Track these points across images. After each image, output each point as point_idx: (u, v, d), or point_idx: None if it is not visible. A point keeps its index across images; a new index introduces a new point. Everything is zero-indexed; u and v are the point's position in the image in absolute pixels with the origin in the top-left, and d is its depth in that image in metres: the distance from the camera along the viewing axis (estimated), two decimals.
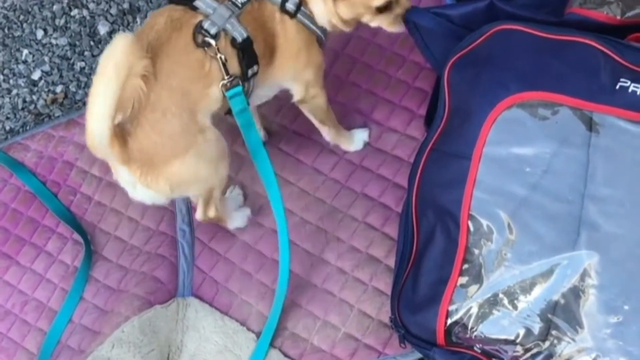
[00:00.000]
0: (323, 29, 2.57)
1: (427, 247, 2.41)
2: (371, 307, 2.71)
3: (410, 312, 2.42)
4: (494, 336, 2.30)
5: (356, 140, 2.94)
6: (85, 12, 3.61)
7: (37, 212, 3.25)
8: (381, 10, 2.49)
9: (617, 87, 2.21)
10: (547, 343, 2.25)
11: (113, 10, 3.57)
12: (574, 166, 2.23)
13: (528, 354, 2.27)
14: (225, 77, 2.40)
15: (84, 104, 2.39)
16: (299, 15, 2.47)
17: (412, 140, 2.87)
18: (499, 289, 2.28)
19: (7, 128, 3.50)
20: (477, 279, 2.30)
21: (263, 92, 2.65)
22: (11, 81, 3.58)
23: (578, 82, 2.25)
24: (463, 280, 2.32)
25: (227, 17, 2.37)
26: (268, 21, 2.46)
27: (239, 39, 2.40)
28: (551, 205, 2.24)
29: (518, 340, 2.27)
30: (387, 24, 2.56)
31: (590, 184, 2.22)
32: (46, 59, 3.57)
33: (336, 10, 2.48)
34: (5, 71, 3.61)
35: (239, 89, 2.43)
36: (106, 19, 3.57)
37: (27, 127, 3.47)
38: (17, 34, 3.67)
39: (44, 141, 3.36)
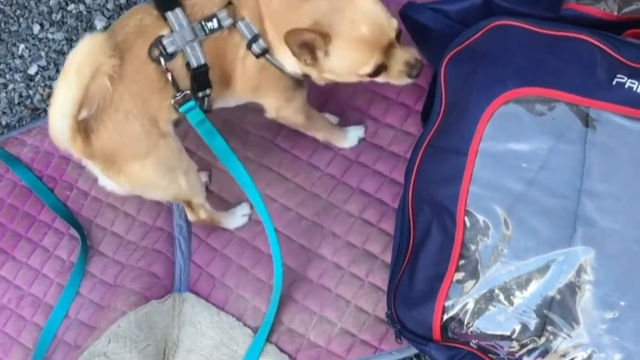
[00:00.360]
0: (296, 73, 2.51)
1: (423, 243, 2.41)
2: (367, 303, 2.71)
3: (406, 307, 2.42)
4: (490, 332, 2.30)
5: (350, 137, 2.93)
6: (81, 7, 3.60)
7: (33, 207, 3.25)
8: (375, 74, 2.42)
9: (614, 83, 2.21)
10: (543, 339, 2.25)
11: (110, 5, 3.57)
12: (570, 162, 2.23)
13: (524, 350, 2.27)
14: (177, 94, 2.42)
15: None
16: (267, 56, 2.43)
17: (409, 136, 2.87)
18: (495, 285, 2.28)
19: (4, 123, 3.50)
20: (474, 274, 2.30)
21: (230, 104, 2.66)
22: (7, 76, 3.58)
23: (574, 78, 2.25)
24: (459, 275, 2.32)
25: (189, 40, 2.36)
26: (230, 52, 2.42)
27: (194, 65, 2.39)
28: (547, 200, 2.24)
29: (514, 336, 2.27)
30: (391, 79, 2.46)
31: (587, 179, 2.22)
32: (42, 53, 3.57)
33: (320, 75, 2.46)
34: (2, 66, 3.61)
35: (192, 104, 2.45)
36: (103, 13, 3.57)
37: (24, 122, 3.46)
38: (14, 28, 3.66)
39: (40, 136, 3.36)
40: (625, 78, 2.21)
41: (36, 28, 3.63)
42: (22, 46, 3.62)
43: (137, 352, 2.73)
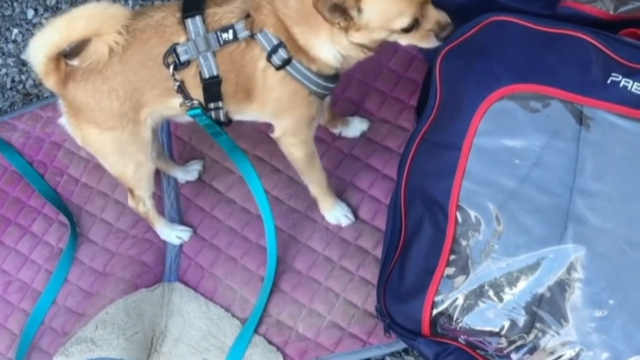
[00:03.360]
0: (320, 83, 2.42)
1: (414, 237, 2.41)
2: (357, 297, 2.71)
3: (396, 301, 2.42)
4: (478, 328, 2.30)
5: (336, 215, 2.84)
6: None
7: (23, 192, 3.24)
8: (408, 30, 2.28)
9: (609, 81, 2.21)
10: (532, 336, 2.25)
11: None
12: (563, 160, 2.23)
13: (512, 346, 2.28)
14: (185, 101, 2.43)
15: (51, 94, 2.44)
16: (288, 68, 2.37)
17: (403, 130, 2.87)
18: (485, 281, 2.28)
19: None
20: (464, 270, 2.30)
21: (248, 119, 2.62)
22: (0, 60, 3.56)
23: (569, 75, 2.24)
24: (450, 271, 2.32)
25: (203, 50, 2.34)
26: (248, 65, 2.38)
27: (206, 75, 2.38)
28: (539, 198, 2.24)
29: (503, 333, 2.27)
30: (418, 40, 2.34)
31: (579, 177, 2.22)
32: None
33: (351, 41, 2.32)
34: None
35: (197, 111, 2.45)
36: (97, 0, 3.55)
37: (15, 107, 3.45)
38: (7, 13, 3.64)
39: (32, 121, 3.35)
40: (620, 77, 2.21)
41: (30, 13, 3.61)
42: (15, 31, 3.60)
43: (124, 339, 2.72)
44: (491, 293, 2.28)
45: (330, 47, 2.34)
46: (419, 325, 2.37)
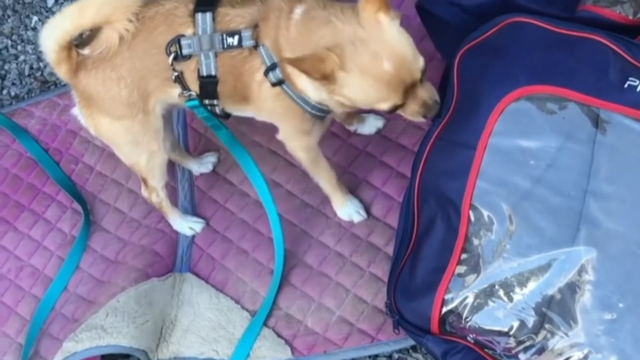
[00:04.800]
0: (315, 106, 2.40)
1: (426, 235, 2.41)
2: (367, 293, 2.72)
3: (406, 298, 2.43)
4: (487, 327, 2.30)
5: (347, 211, 2.83)
6: None
7: (38, 179, 3.25)
8: (392, 111, 2.28)
9: (626, 85, 2.21)
10: (540, 336, 2.25)
11: None
12: (578, 162, 2.24)
13: (521, 347, 2.28)
14: (184, 92, 2.44)
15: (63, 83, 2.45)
16: (283, 86, 2.35)
17: (418, 129, 2.87)
18: (496, 281, 2.28)
19: (12, 94, 3.50)
20: (475, 269, 2.30)
21: (247, 115, 2.61)
22: (19, 47, 3.58)
23: (587, 78, 2.25)
24: (461, 269, 2.32)
25: (205, 48, 2.34)
26: (247, 74, 2.36)
27: (203, 73, 2.38)
28: (553, 199, 2.25)
29: (511, 333, 2.28)
30: (405, 115, 2.31)
31: (593, 180, 2.22)
32: None
33: (336, 99, 2.29)
34: (14, 37, 3.61)
35: (195, 102, 2.46)
36: None
37: (33, 94, 3.47)
38: (28, 0, 3.66)
39: (49, 109, 3.36)
40: (637, 81, 2.21)
41: (50, 1, 3.63)
42: (35, 18, 3.62)
43: (134, 327, 2.73)
44: (501, 293, 2.28)
45: (314, 91, 2.32)
46: (428, 322, 2.37)
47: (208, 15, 2.33)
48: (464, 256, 2.33)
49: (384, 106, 2.24)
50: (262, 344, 2.73)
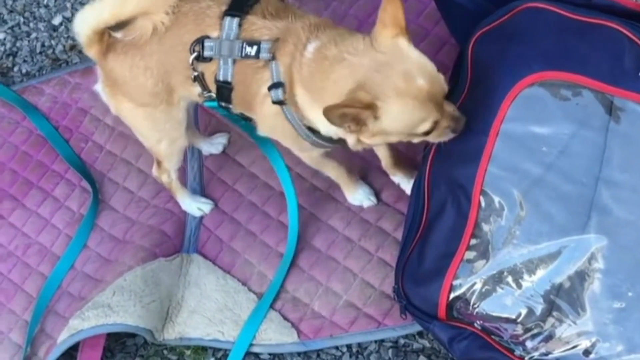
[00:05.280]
0: (311, 137, 2.37)
1: (436, 220, 2.41)
2: (374, 278, 2.72)
3: (414, 283, 2.42)
4: (495, 314, 2.30)
5: (358, 197, 2.82)
6: None
7: (47, 156, 3.25)
8: (429, 132, 2.21)
9: None
10: (548, 324, 2.25)
11: None
12: (590, 149, 2.22)
13: (528, 334, 2.27)
14: (204, 92, 2.42)
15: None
16: (283, 107, 2.31)
17: None
18: (505, 267, 2.28)
19: (24, 71, 3.49)
20: (484, 255, 2.30)
21: None
22: (31, 24, 3.57)
23: (601, 65, 2.23)
24: (470, 255, 2.32)
25: (225, 54, 2.30)
26: (255, 85, 2.33)
27: (220, 78, 2.35)
28: (565, 186, 2.23)
29: (519, 320, 2.27)
30: (435, 138, 2.27)
31: (606, 168, 2.21)
32: (68, 4, 3.56)
33: (361, 139, 2.22)
34: (26, 14, 3.60)
35: (214, 103, 2.44)
36: None
37: (44, 72, 3.46)
38: None
39: (60, 86, 3.36)
40: None
41: None
42: None
43: (141, 307, 2.73)
44: (510, 279, 2.27)
45: (328, 126, 2.24)
46: (436, 308, 2.37)
47: (236, 20, 2.29)
48: (473, 242, 2.32)
49: (425, 126, 2.17)
50: (268, 326, 2.73)
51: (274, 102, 2.29)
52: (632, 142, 2.20)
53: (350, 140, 2.23)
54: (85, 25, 2.32)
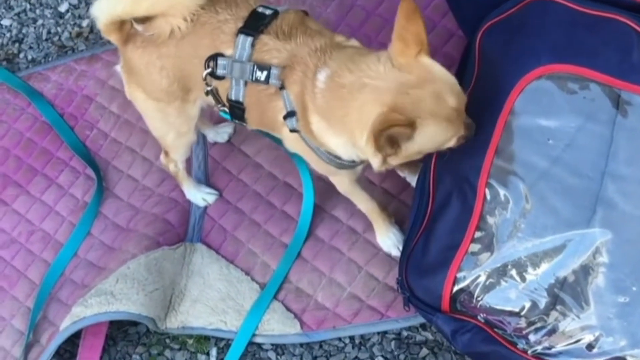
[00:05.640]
0: (333, 159, 2.32)
1: (441, 212, 2.40)
2: (379, 270, 2.72)
3: (417, 275, 2.42)
4: (499, 307, 2.29)
5: (388, 244, 2.74)
6: None
7: (52, 143, 3.25)
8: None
9: None
10: (552, 318, 2.24)
11: None
12: (597, 143, 2.21)
13: (531, 328, 2.27)
14: (218, 105, 2.40)
15: (109, 41, 2.41)
16: (301, 134, 2.28)
17: None
18: (509, 260, 2.27)
19: (29, 57, 3.49)
20: (489, 247, 2.29)
21: None
22: (37, 11, 3.57)
23: (609, 59, 2.22)
24: (475, 247, 2.31)
25: (236, 76, 2.27)
26: (271, 112, 2.29)
27: (232, 97, 2.32)
28: (570, 180, 2.23)
29: (523, 313, 2.27)
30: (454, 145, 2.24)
31: (612, 162, 2.20)
32: None
33: (386, 159, 2.17)
34: (32, 0, 3.59)
35: (228, 116, 2.41)
36: None
37: (50, 59, 3.45)
38: None
39: (65, 74, 3.36)
40: None
41: None
42: None
43: (144, 295, 2.73)
44: (514, 272, 2.27)
45: (348, 150, 2.22)
46: (439, 300, 2.36)
47: (249, 40, 2.25)
48: (478, 234, 2.31)
49: (452, 142, 2.16)
50: (271, 316, 2.73)
51: (291, 131, 2.26)
52: (638, 136, 2.18)
53: (376, 162, 2.17)
54: (101, 13, 2.30)
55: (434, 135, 2.10)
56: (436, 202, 2.43)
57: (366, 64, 2.09)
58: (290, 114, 2.23)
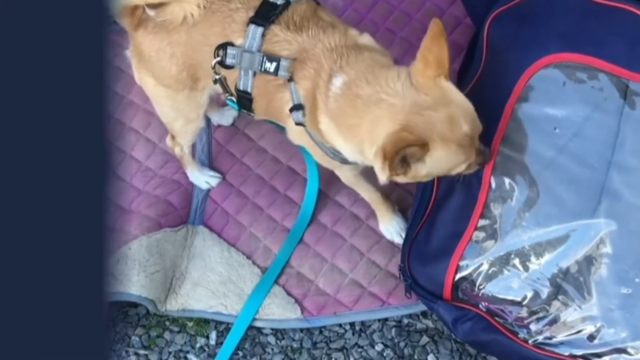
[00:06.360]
0: (338, 154, 2.30)
1: (445, 200, 2.40)
2: (381, 258, 2.71)
3: (420, 262, 2.41)
4: (501, 296, 2.29)
5: (390, 230, 2.74)
6: None
7: None
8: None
9: None
10: (553, 308, 2.24)
11: None
12: (603, 133, 2.21)
13: (533, 317, 2.26)
14: (225, 94, 2.38)
15: (114, 21, 2.40)
16: (307, 128, 2.26)
17: None
18: (513, 249, 2.27)
19: None
20: (492, 236, 2.29)
21: None
22: None
23: (618, 49, 2.22)
24: (478, 235, 2.31)
25: (245, 66, 2.24)
26: (278, 103, 2.28)
27: (240, 87, 2.30)
28: (576, 169, 2.22)
29: (525, 303, 2.26)
30: (465, 171, 2.20)
31: (618, 152, 2.20)
32: None
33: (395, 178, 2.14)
34: None
35: (235, 105, 2.40)
36: None
37: None
38: None
39: None
40: None
41: None
42: None
43: (144, 276, 2.72)
44: (517, 262, 2.26)
45: (354, 155, 2.21)
46: (441, 288, 2.36)
47: (260, 30, 2.22)
48: (482, 222, 2.30)
49: (461, 168, 2.14)
50: (271, 301, 2.72)
51: (296, 124, 2.25)
52: None
53: (383, 177, 2.13)
54: None
55: (443, 158, 2.07)
56: (440, 189, 2.42)
57: (385, 80, 2.07)
58: (296, 107, 2.22)
